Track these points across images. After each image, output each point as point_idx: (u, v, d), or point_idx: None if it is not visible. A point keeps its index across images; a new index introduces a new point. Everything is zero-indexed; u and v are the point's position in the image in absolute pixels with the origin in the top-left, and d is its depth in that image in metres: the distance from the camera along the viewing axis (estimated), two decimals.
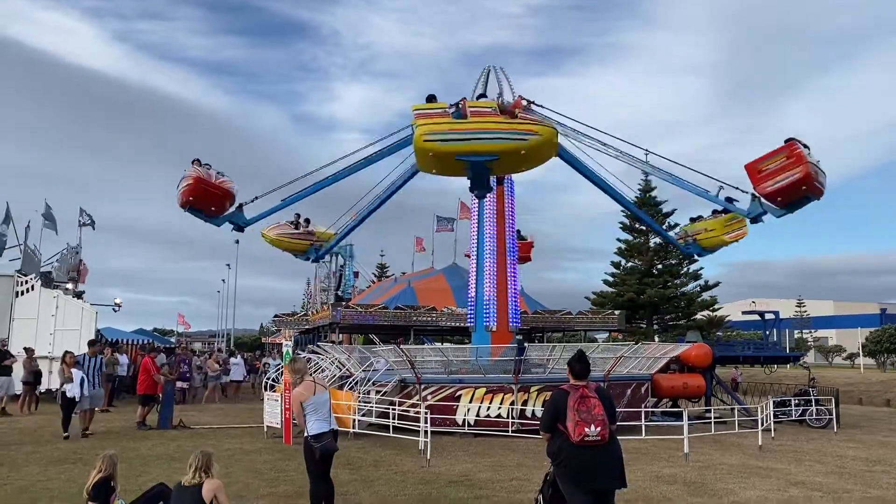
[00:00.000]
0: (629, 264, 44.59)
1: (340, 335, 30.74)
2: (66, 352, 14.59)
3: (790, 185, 13.46)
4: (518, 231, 22.36)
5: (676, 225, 44.48)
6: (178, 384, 20.40)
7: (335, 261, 47.01)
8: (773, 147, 13.99)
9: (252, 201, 16.98)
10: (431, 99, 14.08)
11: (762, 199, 15.25)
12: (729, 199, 16.90)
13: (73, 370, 14.01)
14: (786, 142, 13.96)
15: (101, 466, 6.55)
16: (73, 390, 13.79)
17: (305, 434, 7.23)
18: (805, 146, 13.81)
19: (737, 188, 16.83)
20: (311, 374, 8.24)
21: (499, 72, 19.93)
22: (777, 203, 14.44)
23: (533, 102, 18.94)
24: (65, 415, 13.89)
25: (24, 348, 19.80)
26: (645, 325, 43.28)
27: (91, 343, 16.23)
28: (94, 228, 32.21)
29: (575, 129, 17.94)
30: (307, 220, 18.84)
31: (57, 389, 14.26)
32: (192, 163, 15.74)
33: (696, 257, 22.87)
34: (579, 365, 5.67)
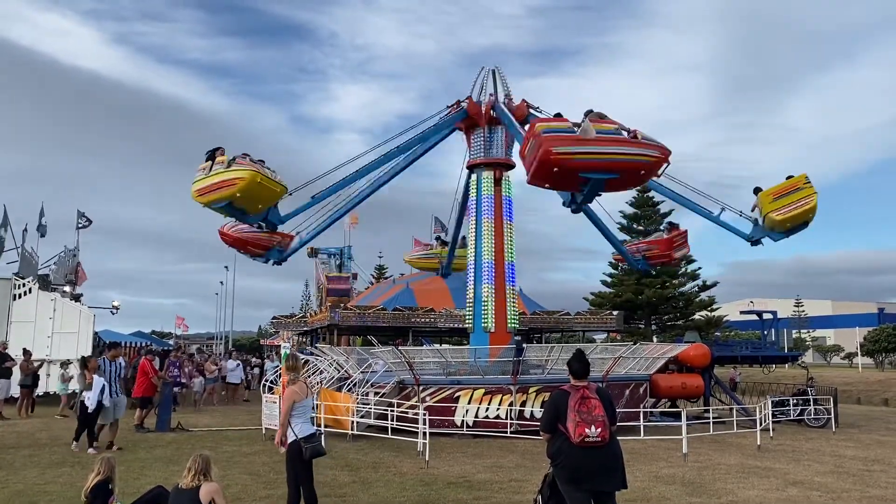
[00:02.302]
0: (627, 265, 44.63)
1: (339, 337, 30.71)
2: (87, 357, 13.74)
3: (538, 167, 12.83)
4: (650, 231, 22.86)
5: (676, 225, 44.62)
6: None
7: (333, 262, 47.01)
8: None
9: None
10: (210, 154, 14.84)
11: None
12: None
13: (95, 377, 12.90)
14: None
15: (100, 469, 6.54)
16: (90, 399, 12.70)
17: (293, 437, 7.15)
18: (587, 116, 13.28)
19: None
20: (304, 377, 8.24)
21: (497, 73, 20.01)
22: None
23: (532, 106, 19.08)
24: (80, 424, 12.90)
25: (23, 350, 19.76)
26: (643, 326, 43.35)
27: (112, 346, 15.28)
28: (86, 227, 32.12)
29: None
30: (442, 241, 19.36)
31: (77, 397, 13.15)
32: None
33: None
34: (578, 364, 5.66)
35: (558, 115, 14.48)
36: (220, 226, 16.93)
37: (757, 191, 16.84)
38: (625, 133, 12.96)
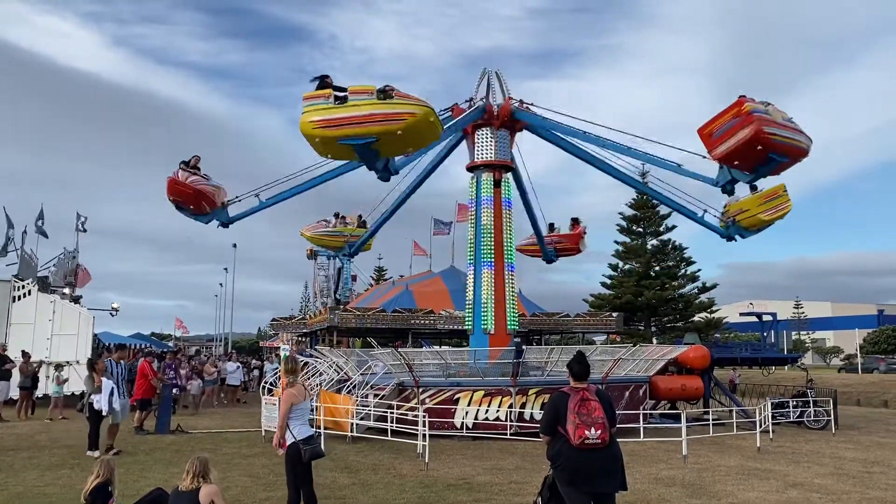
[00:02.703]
0: (627, 266, 44.72)
1: (338, 338, 30.72)
2: (95, 359, 13.54)
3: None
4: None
5: (675, 227, 44.70)
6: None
7: (332, 264, 47.00)
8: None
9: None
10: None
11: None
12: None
13: (104, 379, 12.68)
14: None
15: (99, 472, 6.53)
16: (100, 402, 12.39)
17: (291, 439, 7.15)
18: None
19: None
20: (303, 379, 8.25)
21: (496, 75, 20.02)
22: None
23: (530, 104, 19.14)
24: (92, 429, 12.59)
25: (22, 352, 19.73)
26: (643, 328, 43.37)
27: (119, 347, 15.18)
28: (84, 230, 32.11)
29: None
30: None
31: (84, 401, 12.71)
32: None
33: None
34: (578, 366, 5.66)
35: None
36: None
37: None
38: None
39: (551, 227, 24.12)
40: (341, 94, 12.68)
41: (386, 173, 14.59)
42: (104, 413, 12.48)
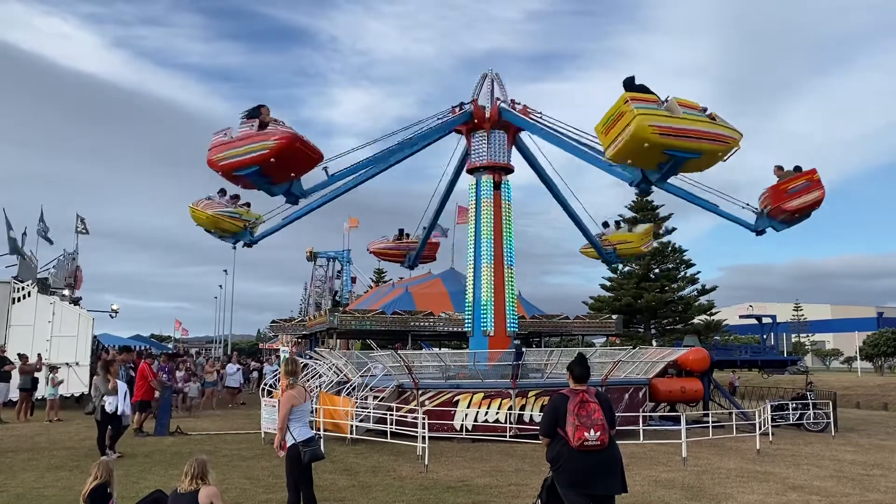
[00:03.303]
0: (626, 269, 44.68)
1: (338, 340, 30.71)
2: (109, 360, 13.37)
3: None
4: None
5: (675, 229, 44.71)
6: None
7: (332, 265, 47.01)
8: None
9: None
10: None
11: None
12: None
13: (119, 382, 12.62)
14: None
15: (97, 473, 6.52)
16: (113, 404, 12.20)
17: (292, 441, 7.16)
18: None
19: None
20: (302, 381, 8.26)
21: (496, 77, 20.05)
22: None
23: (529, 108, 19.13)
24: (102, 431, 12.37)
25: (18, 354, 19.68)
26: (642, 330, 43.38)
27: (123, 349, 15.08)
28: (87, 232, 32.15)
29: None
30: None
31: (96, 404, 12.46)
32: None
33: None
34: (579, 368, 5.66)
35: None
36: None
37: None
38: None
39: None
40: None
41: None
42: (120, 414, 12.36)
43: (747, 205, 16.95)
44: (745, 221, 17.26)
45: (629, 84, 12.99)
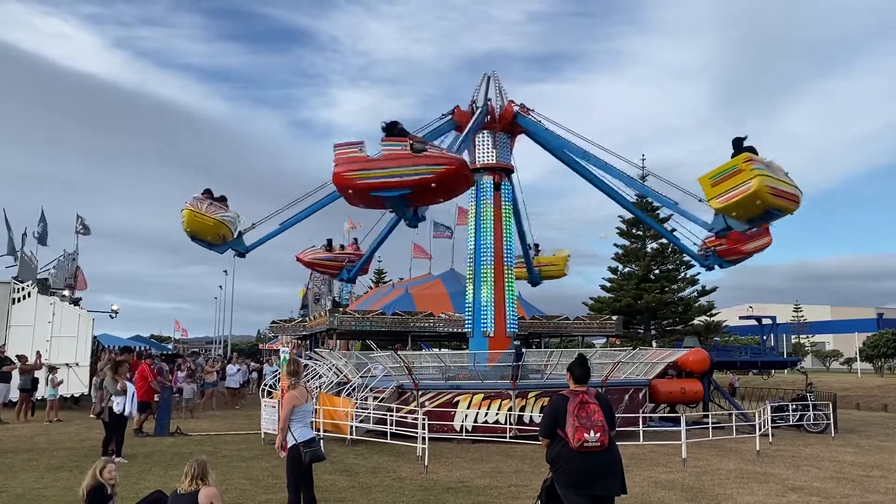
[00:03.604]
0: (626, 269, 44.69)
1: (338, 341, 30.73)
2: (118, 360, 13.24)
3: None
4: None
5: (674, 231, 44.69)
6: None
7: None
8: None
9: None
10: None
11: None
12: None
13: (128, 383, 12.56)
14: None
15: (97, 473, 6.52)
16: (121, 404, 12.09)
17: (292, 441, 7.17)
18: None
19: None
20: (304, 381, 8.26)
21: (496, 79, 20.05)
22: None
23: (530, 110, 19.14)
24: (110, 433, 12.17)
25: (16, 356, 19.67)
26: (642, 331, 43.33)
27: (124, 350, 15.03)
28: (88, 233, 32.16)
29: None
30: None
31: (104, 404, 12.22)
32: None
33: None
34: (580, 369, 5.66)
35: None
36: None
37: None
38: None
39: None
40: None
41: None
42: (129, 415, 12.30)
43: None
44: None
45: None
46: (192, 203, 16.16)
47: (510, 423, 14.71)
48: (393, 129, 13.40)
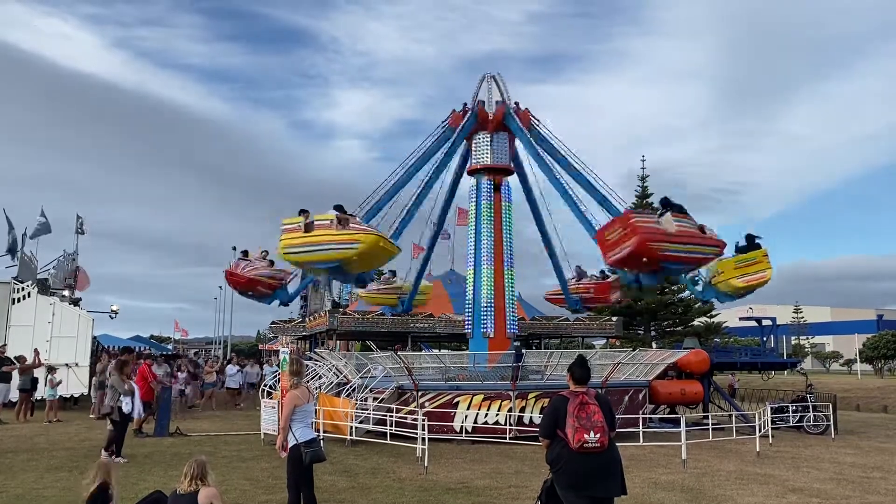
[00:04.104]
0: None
1: (338, 341, 30.72)
2: (123, 360, 13.22)
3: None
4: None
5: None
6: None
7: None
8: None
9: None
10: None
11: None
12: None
13: (133, 383, 12.66)
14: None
15: (98, 474, 6.51)
16: (129, 404, 12.21)
17: (293, 441, 7.17)
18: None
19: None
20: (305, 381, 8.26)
21: (496, 79, 20.04)
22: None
23: (532, 114, 19.10)
24: (116, 433, 12.18)
25: (15, 357, 19.64)
26: (642, 332, 43.31)
27: (125, 350, 15.16)
28: (83, 233, 32.10)
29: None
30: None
31: (112, 404, 12.16)
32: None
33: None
34: (580, 370, 5.65)
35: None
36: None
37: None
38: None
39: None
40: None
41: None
42: (135, 415, 12.40)
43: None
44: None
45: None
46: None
47: (510, 424, 14.70)
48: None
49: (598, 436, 5.29)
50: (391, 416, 13.90)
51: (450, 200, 21.44)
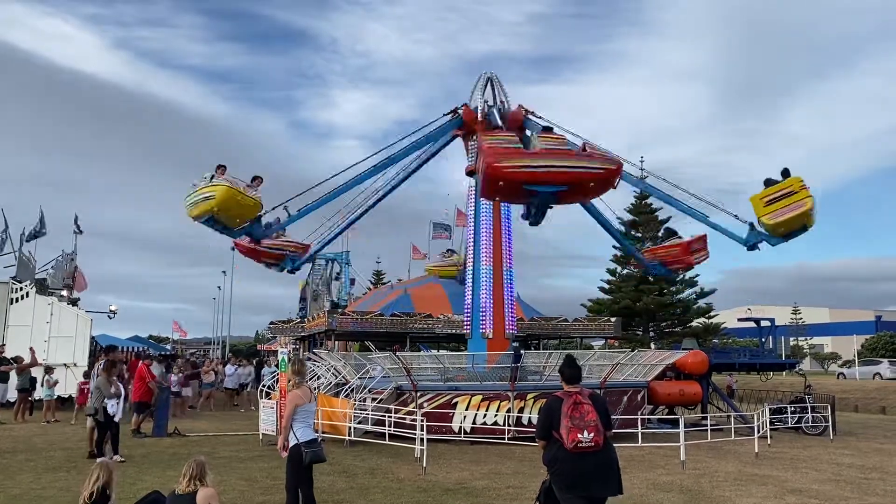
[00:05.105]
0: (625, 271, 44.67)
1: (336, 342, 30.71)
2: (110, 361, 13.19)
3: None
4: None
5: (675, 233, 44.74)
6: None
7: (331, 267, 46.94)
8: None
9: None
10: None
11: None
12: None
13: (120, 385, 12.62)
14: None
15: (98, 475, 6.50)
16: (114, 406, 12.14)
17: (294, 441, 7.16)
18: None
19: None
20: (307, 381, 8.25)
21: (494, 80, 20.05)
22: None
23: (531, 112, 19.13)
24: (101, 434, 12.22)
25: (13, 358, 19.60)
26: (641, 333, 43.34)
27: (110, 349, 15.14)
28: (81, 232, 32.10)
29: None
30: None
31: (97, 405, 12.16)
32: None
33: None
34: (569, 370, 5.65)
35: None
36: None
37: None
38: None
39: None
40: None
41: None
42: (116, 418, 12.24)
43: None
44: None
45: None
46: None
47: (509, 425, 14.71)
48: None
49: (591, 435, 5.29)
50: (390, 417, 13.90)
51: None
